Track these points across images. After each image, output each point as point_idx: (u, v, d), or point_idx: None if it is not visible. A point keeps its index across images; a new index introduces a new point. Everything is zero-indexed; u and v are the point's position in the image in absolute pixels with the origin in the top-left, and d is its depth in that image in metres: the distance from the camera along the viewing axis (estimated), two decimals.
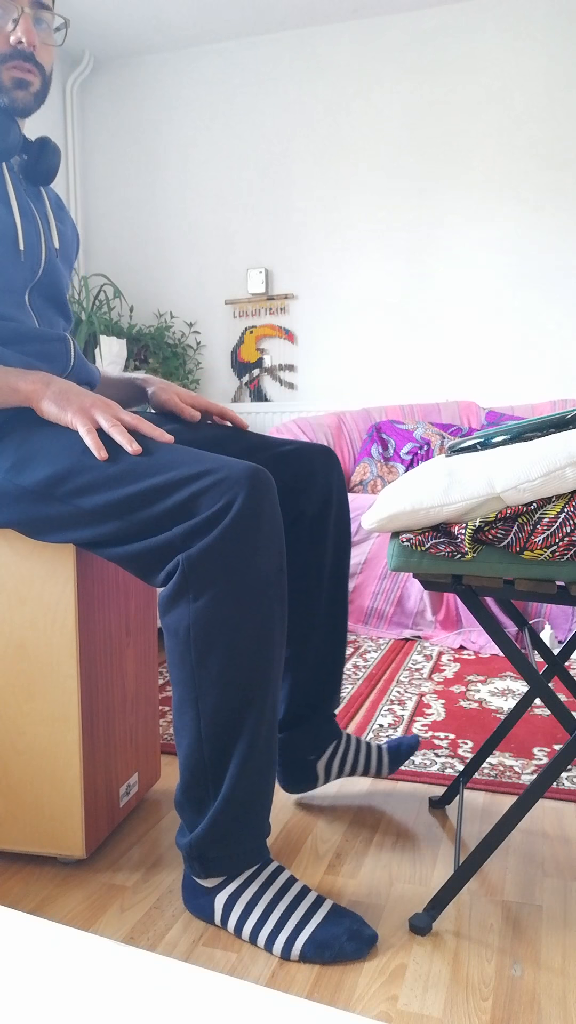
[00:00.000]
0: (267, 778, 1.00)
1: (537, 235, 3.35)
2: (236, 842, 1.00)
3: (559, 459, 0.88)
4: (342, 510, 1.28)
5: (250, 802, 0.99)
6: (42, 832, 1.15)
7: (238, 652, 0.95)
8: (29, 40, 1.12)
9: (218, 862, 1.00)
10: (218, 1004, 0.38)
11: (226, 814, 0.98)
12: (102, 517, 1.00)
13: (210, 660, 0.95)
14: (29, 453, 1.04)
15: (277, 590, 0.98)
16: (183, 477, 0.95)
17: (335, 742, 1.34)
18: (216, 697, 0.96)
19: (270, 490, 0.97)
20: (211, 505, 0.93)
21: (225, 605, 0.94)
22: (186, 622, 0.95)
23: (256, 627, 0.96)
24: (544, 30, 3.26)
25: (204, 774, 0.98)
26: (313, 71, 3.58)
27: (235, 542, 0.93)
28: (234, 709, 0.96)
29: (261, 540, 0.95)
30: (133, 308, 3.93)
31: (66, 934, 0.44)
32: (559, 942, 1.00)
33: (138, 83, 3.84)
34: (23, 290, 1.18)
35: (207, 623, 0.94)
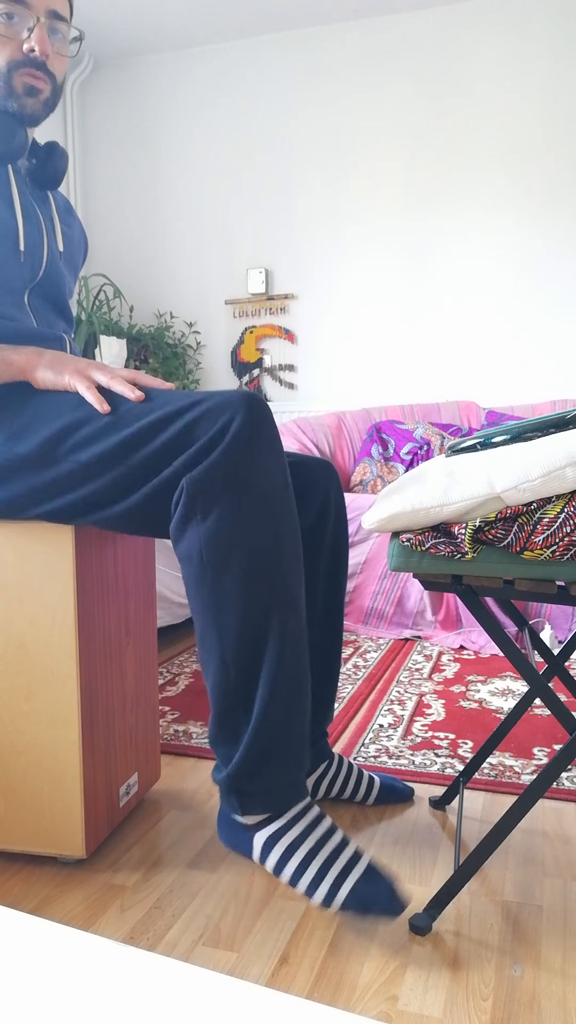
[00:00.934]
0: (300, 699, 0.98)
1: (537, 235, 3.35)
2: (274, 771, 0.97)
3: (559, 459, 0.88)
4: (339, 525, 1.28)
5: (285, 725, 0.97)
6: (42, 832, 1.15)
7: (253, 568, 0.94)
8: (42, 49, 1.12)
9: (257, 797, 0.98)
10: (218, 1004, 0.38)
11: (261, 739, 0.96)
12: (103, 467, 0.99)
13: (225, 579, 0.94)
14: (24, 422, 1.04)
15: (284, 506, 0.97)
16: (177, 409, 0.95)
17: (327, 762, 1.34)
18: (237, 615, 0.94)
19: (266, 410, 0.96)
20: (208, 429, 0.93)
21: (234, 521, 0.93)
22: (198, 545, 0.94)
23: (268, 542, 0.94)
24: (545, 30, 3.26)
25: (234, 700, 0.96)
26: (313, 71, 3.58)
27: (236, 458, 0.92)
28: (256, 625, 0.95)
29: (262, 455, 0.94)
30: (133, 308, 3.93)
31: (66, 934, 0.44)
32: (559, 942, 1.00)
33: (138, 83, 3.84)
34: (22, 291, 1.18)
35: (218, 542, 0.93)
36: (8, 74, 1.13)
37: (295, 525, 0.99)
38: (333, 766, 1.34)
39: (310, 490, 1.24)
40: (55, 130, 3.80)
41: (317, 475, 1.26)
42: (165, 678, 2.08)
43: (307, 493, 1.24)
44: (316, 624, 1.28)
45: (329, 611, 1.29)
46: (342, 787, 1.35)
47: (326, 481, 1.26)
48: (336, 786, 1.34)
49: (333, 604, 1.29)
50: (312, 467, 1.26)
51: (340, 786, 1.35)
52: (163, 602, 2.29)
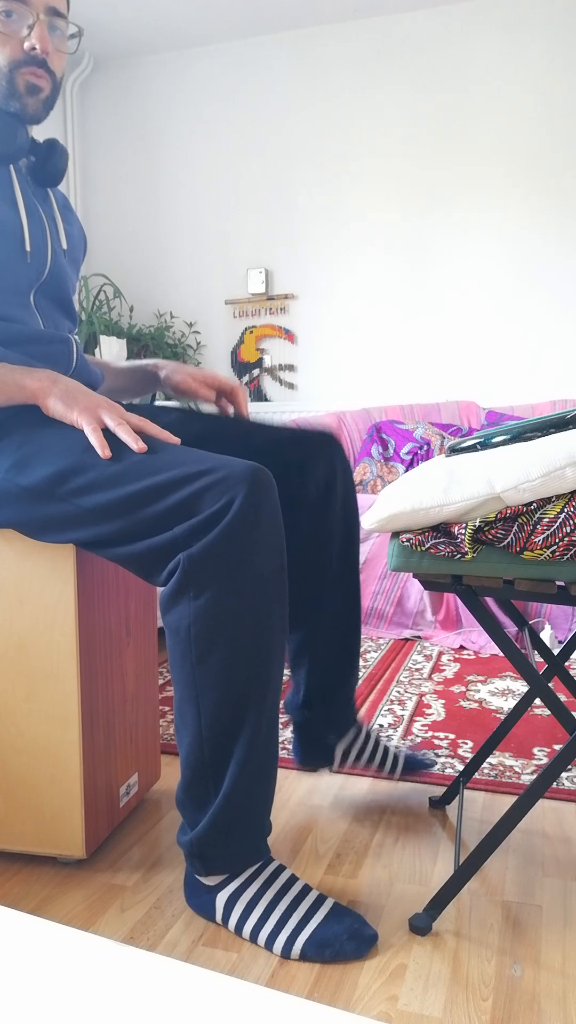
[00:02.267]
0: (267, 777, 1.01)
1: (537, 235, 3.35)
2: (237, 840, 1.00)
3: (559, 459, 0.88)
4: (348, 490, 1.28)
5: (250, 800, 0.99)
6: (42, 832, 1.15)
7: (238, 650, 0.96)
8: (43, 47, 1.12)
9: (219, 860, 1.01)
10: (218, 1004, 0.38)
11: (226, 812, 0.98)
12: (103, 516, 0.99)
13: (211, 658, 0.96)
14: (30, 453, 1.04)
15: (277, 589, 0.98)
16: (184, 476, 0.96)
17: (355, 730, 1.36)
18: (216, 695, 0.96)
19: (270, 488, 0.97)
20: (212, 504, 0.93)
21: (225, 604, 0.94)
22: (187, 620, 0.96)
23: (256, 625, 0.96)
24: (545, 31, 3.26)
25: (205, 772, 0.99)
26: (313, 71, 3.58)
27: (235, 541, 0.93)
28: (234, 707, 0.97)
29: (260, 539, 0.95)
30: (133, 308, 3.93)
31: (66, 934, 0.44)
32: (559, 942, 1.00)
33: (138, 83, 3.84)
34: (28, 291, 1.17)
35: (207, 621, 0.95)
36: (9, 73, 1.12)
37: (284, 607, 1.00)
38: (361, 736, 1.36)
39: (314, 461, 1.25)
40: (55, 130, 3.80)
41: (320, 446, 1.26)
42: (165, 678, 2.08)
43: (311, 464, 1.24)
44: (334, 590, 1.29)
45: (345, 577, 1.30)
46: (370, 757, 1.37)
47: (330, 451, 1.26)
48: (364, 756, 1.36)
49: (348, 570, 1.30)
50: (314, 438, 1.26)
51: (368, 756, 1.37)
52: None
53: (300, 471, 1.24)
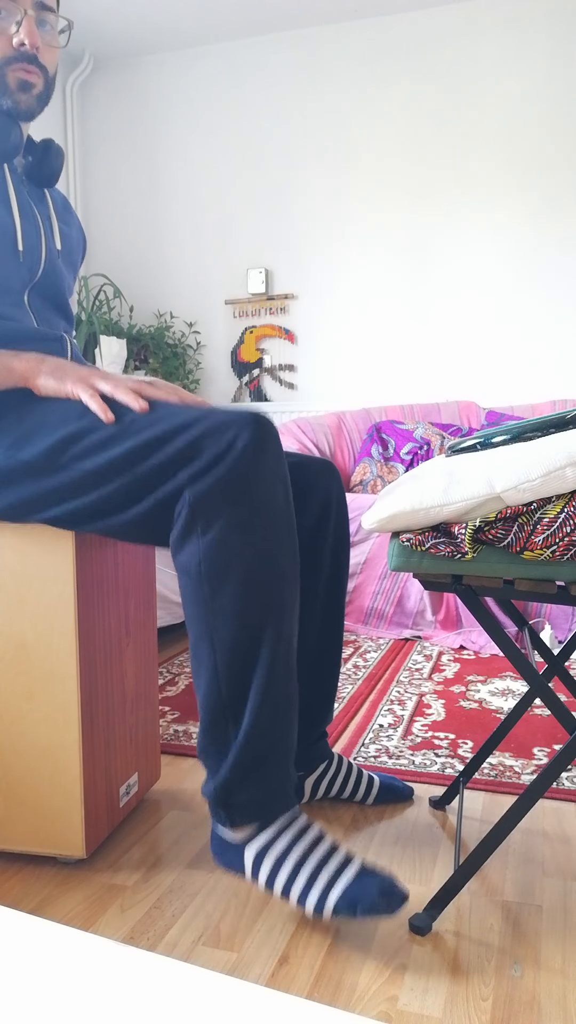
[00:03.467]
0: (288, 713, 0.99)
1: (537, 235, 3.35)
2: (261, 783, 0.98)
3: (559, 459, 0.88)
4: (341, 525, 1.28)
5: (273, 737, 0.97)
6: (42, 832, 1.15)
7: (250, 582, 0.95)
8: (32, 42, 1.11)
9: (245, 808, 0.98)
10: (218, 1004, 0.38)
11: (249, 750, 0.96)
12: (106, 476, 0.99)
13: (222, 592, 0.95)
14: (27, 428, 1.04)
15: (286, 522, 0.97)
16: (184, 422, 0.95)
17: (327, 762, 1.34)
18: (230, 629, 0.95)
19: (272, 429, 0.97)
20: (214, 445, 0.93)
21: (234, 536, 0.94)
22: (197, 558, 0.95)
23: (266, 557, 0.95)
24: (546, 31, 3.26)
25: (224, 711, 0.97)
26: (313, 71, 3.58)
27: (240, 475, 0.93)
28: (249, 640, 0.96)
29: (266, 473, 0.95)
30: (133, 308, 3.93)
31: (66, 934, 0.44)
32: (559, 942, 1.00)
33: (138, 83, 3.84)
34: (22, 290, 1.17)
35: (217, 555, 0.94)
36: (0, 70, 1.12)
37: (294, 540, 0.99)
38: (333, 766, 1.34)
39: (311, 490, 1.24)
40: (55, 130, 3.80)
41: (318, 475, 1.26)
42: (165, 678, 2.08)
43: (308, 493, 1.24)
44: (317, 623, 1.28)
45: (330, 610, 1.29)
46: (342, 787, 1.35)
47: (327, 481, 1.26)
48: (336, 786, 1.34)
49: (334, 603, 1.29)
50: (313, 467, 1.26)
51: (340, 786, 1.35)
52: (163, 602, 2.29)
53: (297, 499, 1.24)
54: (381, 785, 1.38)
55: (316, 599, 1.27)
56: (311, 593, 1.26)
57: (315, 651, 1.29)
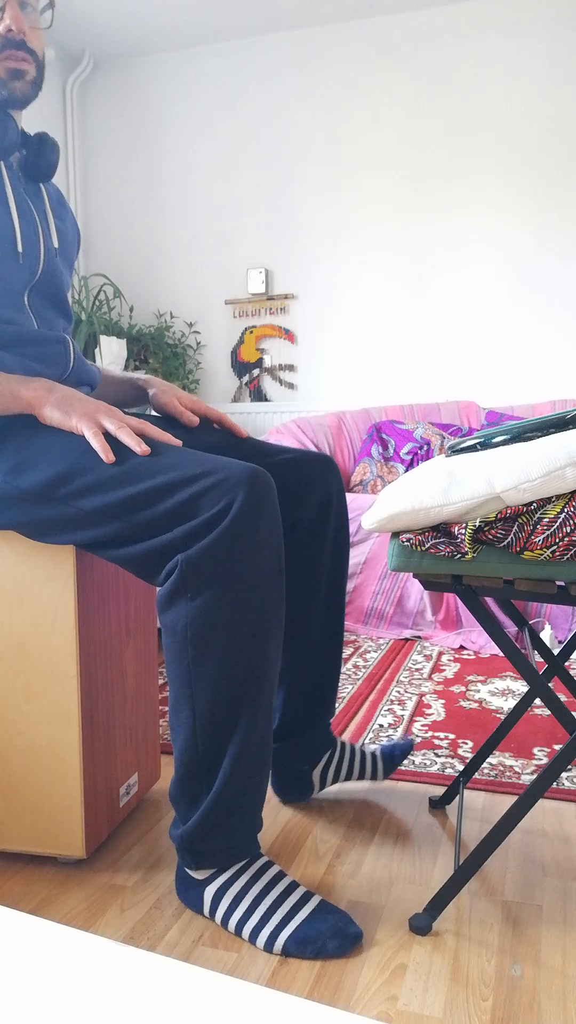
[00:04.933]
0: (260, 775, 1.01)
1: (537, 235, 3.35)
2: (227, 836, 1.00)
3: (559, 459, 0.88)
4: (341, 519, 1.28)
5: (241, 798, 1.00)
6: (42, 832, 1.15)
7: (234, 651, 0.95)
8: (18, 27, 1.10)
9: (209, 855, 1.01)
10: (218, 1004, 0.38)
11: (218, 809, 0.99)
12: (103, 518, 0.99)
13: (206, 658, 0.96)
14: (28, 456, 1.04)
15: (275, 590, 0.98)
16: (184, 478, 0.95)
17: (329, 751, 1.35)
18: (211, 695, 0.96)
19: (269, 491, 0.97)
20: (211, 506, 0.93)
21: (222, 605, 0.94)
22: (184, 621, 0.96)
23: (253, 627, 0.96)
24: (546, 31, 3.26)
25: (198, 769, 0.99)
26: (313, 71, 3.57)
27: (233, 543, 0.93)
28: (229, 707, 0.97)
29: (259, 541, 0.95)
30: (133, 308, 3.93)
31: (66, 934, 0.44)
32: (559, 942, 1.00)
33: (138, 83, 3.84)
34: (22, 291, 1.17)
35: (204, 622, 0.95)
36: None
37: (281, 607, 1.00)
38: (336, 753, 1.35)
39: (311, 487, 1.24)
40: (55, 130, 3.79)
41: (318, 471, 1.25)
42: (165, 678, 2.08)
43: (308, 490, 1.24)
44: (319, 620, 1.28)
45: (331, 607, 1.29)
46: (349, 770, 1.36)
47: (327, 477, 1.26)
48: (343, 771, 1.36)
49: (335, 600, 1.29)
50: (313, 463, 1.26)
51: (347, 769, 1.36)
52: None
53: (297, 494, 1.23)
54: (384, 756, 1.40)
55: (317, 596, 1.27)
56: (312, 589, 1.26)
57: (317, 648, 1.29)
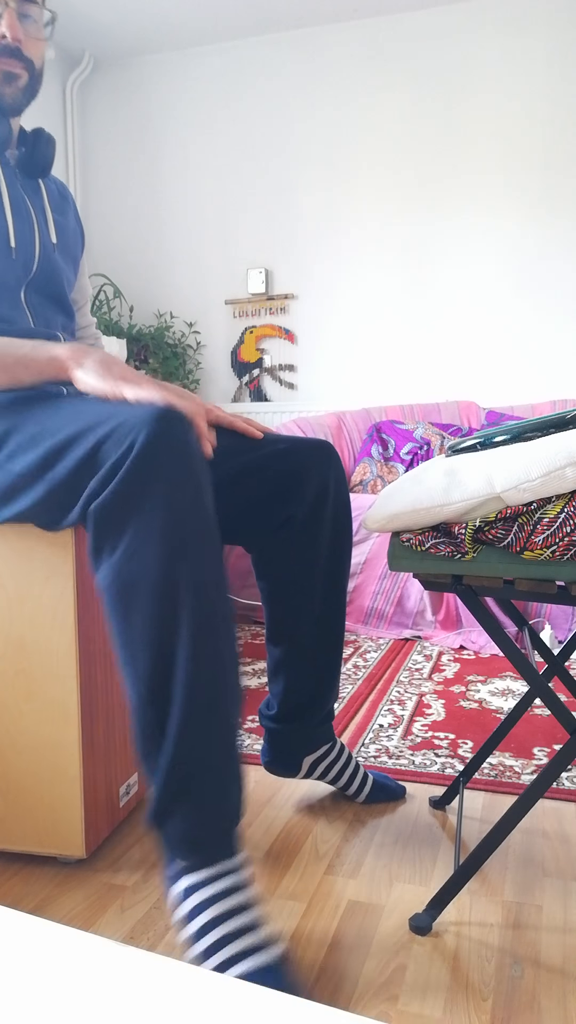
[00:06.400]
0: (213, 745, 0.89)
1: (537, 235, 3.35)
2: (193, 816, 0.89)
3: (559, 459, 0.88)
4: (340, 509, 1.24)
5: (195, 778, 0.89)
6: (42, 832, 1.15)
7: (160, 605, 0.86)
8: (13, 35, 1.11)
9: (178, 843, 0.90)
10: (218, 1004, 0.38)
11: (168, 790, 0.89)
12: (30, 480, 0.96)
13: (134, 617, 0.87)
14: None
15: (199, 527, 0.87)
16: (83, 428, 0.90)
17: (328, 745, 1.33)
18: (147, 656, 0.88)
19: (178, 424, 0.88)
20: (114, 451, 0.86)
21: (141, 555, 0.86)
22: (108, 579, 0.88)
23: (176, 575, 0.86)
24: (546, 32, 3.26)
25: (152, 737, 0.90)
26: (313, 71, 3.57)
27: (140, 483, 0.85)
28: (165, 670, 0.88)
29: (170, 478, 0.86)
30: (133, 308, 3.93)
31: (66, 934, 0.44)
32: (559, 942, 1.00)
33: (138, 83, 3.84)
34: (18, 288, 1.16)
35: (126, 578, 0.87)
36: None
37: (216, 551, 0.90)
38: (334, 752, 1.34)
39: (305, 476, 1.20)
40: (55, 130, 3.79)
41: (314, 459, 1.20)
42: None
43: (302, 480, 1.20)
44: (315, 615, 1.25)
45: (329, 601, 1.26)
46: (338, 775, 1.35)
47: (324, 466, 1.21)
48: (332, 772, 1.34)
49: (333, 594, 1.27)
50: (308, 451, 1.21)
51: (336, 774, 1.35)
52: None
53: (289, 487, 1.20)
54: (374, 783, 1.38)
55: (313, 592, 1.24)
56: (307, 585, 1.24)
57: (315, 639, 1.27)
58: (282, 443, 1.22)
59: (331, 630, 1.28)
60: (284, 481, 1.19)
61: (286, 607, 1.25)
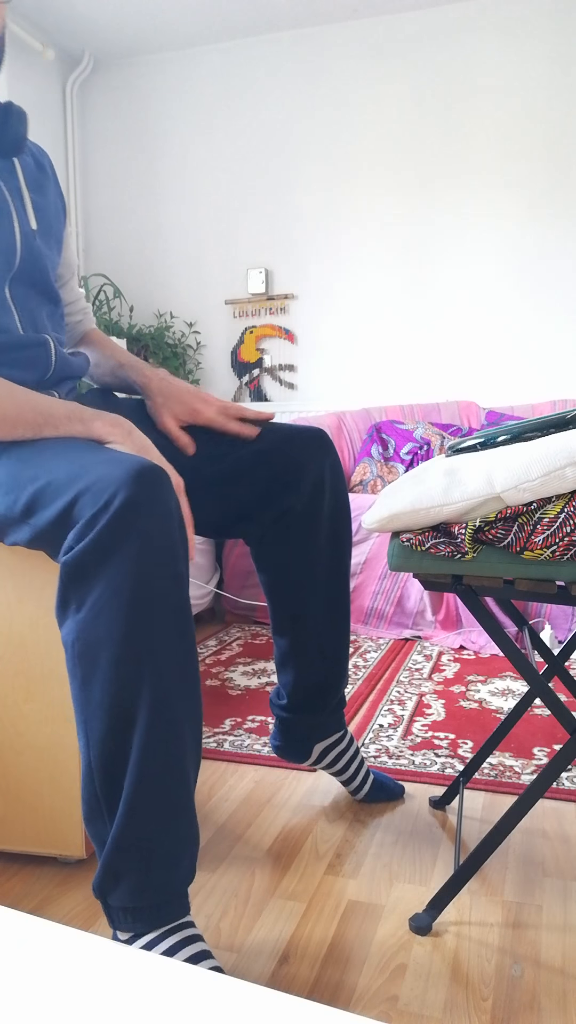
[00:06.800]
0: (162, 817, 0.86)
1: (537, 235, 3.35)
2: (135, 890, 0.86)
3: (559, 459, 0.88)
4: (337, 499, 1.23)
5: (144, 843, 0.86)
6: (42, 832, 1.15)
7: (122, 669, 0.83)
8: None
9: (121, 913, 0.87)
10: (218, 1004, 0.38)
11: (118, 855, 0.86)
12: (15, 522, 0.95)
13: (94, 680, 0.85)
14: None
15: (168, 600, 0.85)
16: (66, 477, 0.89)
17: (340, 733, 1.33)
18: (101, 722, 0.85)
19: (158, 486, 0.86)
20: (91, 507, 0.84)
21: (105, 616, 0.83)
22: (71, 636, 0.86)
23: (142, 642, 0.84)
24: (545, 31, 3.26)
25: (98, 806, 0.87)
26: (313, 71, 3.57)
27: (113, 543, 0.82)
28: (119, 737, 0.85)
29: (146, 542, 0.83)
30: (133, 308, 3.93)
31: (66, 934, 0.44)
32: (559, 942, 1.00)
33: (138, 83, 3.84)
34: (1, 285, 1.10)
35: (89, 636, 0.84)
36: None
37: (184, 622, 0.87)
38: (344, 741, 1.34)
39: (303, 467, 1.18)
40: (55, 130, 3.80)
41: (309, 450, 1.19)
42: None
43: (299, 471, 1.18)
44: (319, 610, 1.25)
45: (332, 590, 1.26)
46: (346, 766, 1.35)
47: (319, 456, 1.20)
48: (341, 763, 1.34)
49: (336, 587, 1.26)
50: (303, 441, 1.19)
51: (345, 764, 1.35)
52: None
53: (285, 479, 1.18)
54: (375, 782, 1.38)
55: (315, 587, 1.24)
56: (309, 573, 1.23)
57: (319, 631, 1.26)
58: (278, 432, 1.21)
59: (337, 616, 1.27)
60: (281, 474, 1.19)
61: (290, 597, 1.25)
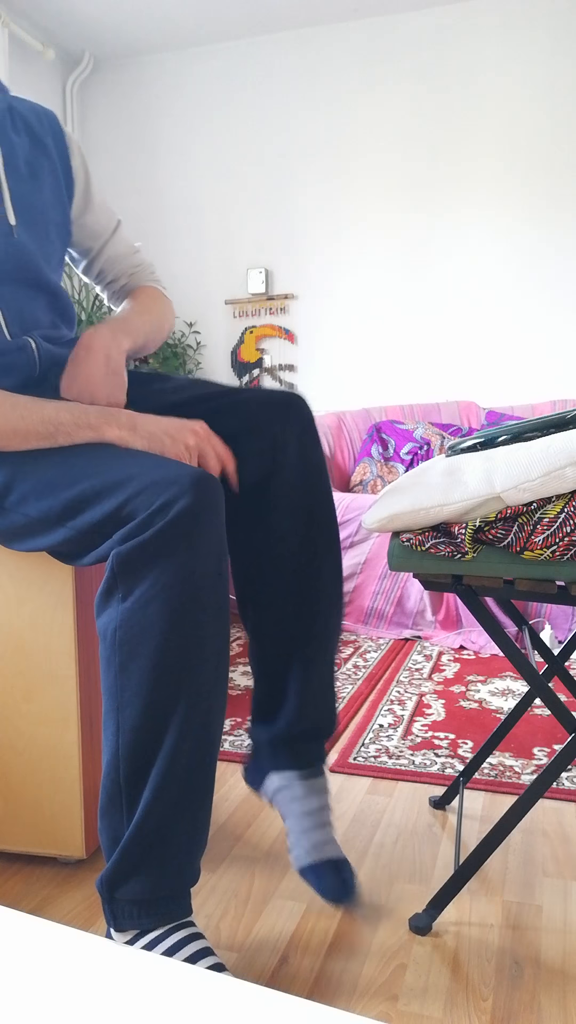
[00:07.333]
0: (189, 809, 0.87)
1: (537, 235, 3.35)
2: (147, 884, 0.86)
3: (559, 459, 0.88)
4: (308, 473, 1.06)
5: (164, 837, 0.86)
6: (42, 832, 1.15)
7: (162, 661, 0.85)
8: None
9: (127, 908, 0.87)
10: (218, 1004, 0.38)
11: (136, 847, 0.86)
12: (49, 524, 0.95)
13: (132, 667, 0.86)
14: None
15: (212, 597, 0.87)
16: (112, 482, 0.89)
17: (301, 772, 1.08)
18: (136, 710, 0.86)
19: (216, 494, 0.88)
20: (146, 507, 0.86)
21: (153, 607, 0.85)
22: (114, 624, 0.87)
23: (185, 636, 0.85)
24: (546, 30, 3.26)
25: (119, 797, 0.87)
26: (313, 71, 3.57)
27: (169, 542, 0.84)
28: (153, 725, 0.86)
29: (198, 543, 0.85)
30: None
31: (66, 934, 0.44)
32: (559, 942, 1.00)
33: (138, 83, 3.84)
34: None
35: (133, 626, 0.86)
36: None
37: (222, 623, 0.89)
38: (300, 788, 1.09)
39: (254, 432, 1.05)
40: None
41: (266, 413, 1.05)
42: None
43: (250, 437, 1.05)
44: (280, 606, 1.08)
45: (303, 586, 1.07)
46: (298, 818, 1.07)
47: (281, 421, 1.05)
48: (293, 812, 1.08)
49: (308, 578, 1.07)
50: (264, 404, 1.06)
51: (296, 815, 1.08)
52: None
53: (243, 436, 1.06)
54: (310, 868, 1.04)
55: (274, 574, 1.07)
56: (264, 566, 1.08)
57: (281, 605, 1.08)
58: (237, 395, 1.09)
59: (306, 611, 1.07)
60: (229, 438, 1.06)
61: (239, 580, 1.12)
